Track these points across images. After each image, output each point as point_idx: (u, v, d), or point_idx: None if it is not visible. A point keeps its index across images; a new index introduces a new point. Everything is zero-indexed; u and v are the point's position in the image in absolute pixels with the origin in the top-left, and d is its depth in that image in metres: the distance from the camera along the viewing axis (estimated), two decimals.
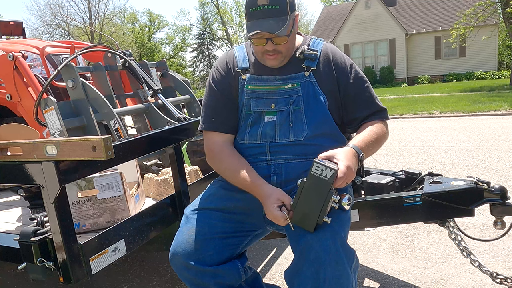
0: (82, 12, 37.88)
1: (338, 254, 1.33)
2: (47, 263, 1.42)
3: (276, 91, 1.61)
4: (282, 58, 1.58)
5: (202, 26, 46.56)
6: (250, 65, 1.66)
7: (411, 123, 8.70)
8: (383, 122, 1.64)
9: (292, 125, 1.59)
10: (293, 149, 1.59)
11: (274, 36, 1.49)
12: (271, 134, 1.60)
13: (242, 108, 1.64)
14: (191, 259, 1.53)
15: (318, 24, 27.76)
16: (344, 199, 1.38)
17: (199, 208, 1.65)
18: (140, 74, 2.53)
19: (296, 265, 1.40)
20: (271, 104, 1.61)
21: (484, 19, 17.44)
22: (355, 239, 2.99)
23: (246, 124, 1.64)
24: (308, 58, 1.61)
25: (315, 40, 1.69)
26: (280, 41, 1.52)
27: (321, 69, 1.61)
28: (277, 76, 1.62)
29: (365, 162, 2.41)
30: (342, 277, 1.33)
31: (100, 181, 1.76)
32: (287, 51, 1.58)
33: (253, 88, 1.63)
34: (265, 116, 1.62)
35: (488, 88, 14.82)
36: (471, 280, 2.29)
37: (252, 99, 1.63)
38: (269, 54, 1.56)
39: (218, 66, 1.71)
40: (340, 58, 1.65)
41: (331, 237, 1.35)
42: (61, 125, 2.04)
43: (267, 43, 1.52)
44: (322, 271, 1.31)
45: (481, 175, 4.27)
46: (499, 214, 1.91)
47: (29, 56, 2.74)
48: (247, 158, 1.63)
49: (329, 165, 1.32)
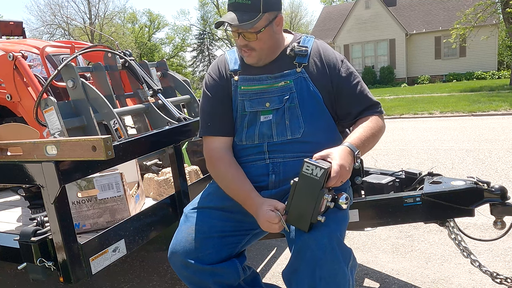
0: (82, 12, 37.92)
1: (334, 253, 1.33)
2: (47, 263, 1.42)
3: (269, 89, 1.62)
4: (258, 56, 1.59)
5: (202, 26, 46.60)
6: (242, 67, 1.67)
7: (411, 123, 8.70)
8: (378, 116, 1.64)
9: (288, 122, 1.59)
10: (291, 147, 1.59)
11: (243, 31, 1.52)
12: (268, 134, 1.60)
13: (238, 110, 1.65)
14: (190, 258, 1.53)
15: (318, 24, 27.75)
16: (341, 198, 1.37)
17: (198, 207, 1.66)
18: (140, 74, 2.53)
19: (293, 264, 1.42)
20: (266, 103, 1.62)
21: (484, 19, 17.43)
22: (355, 239, 2.99)
23: (243, 125, 1.64)
24: (298, 54, 1.62)
25: (305, 37, 1.70)
26: (249, 37, 1.54)
27: (312, 65, 1.62)
28: (268, 75, 1.63)
29: (365, 162, 2.42)
30: (338, 275, 1.34)
31: (100, 181, 1.76)
32: (261, 49, 1.58)
33: (246, 88, 1.64)
34: (261, 115, 1.62)
35: (488, 88, 14.81)
36: (471, 280, 2.29)
37: (246, 100, 1.64)
38: (243, 49, 1.58)
39: (210, 71, 1.73)
40: (331, 54, 1.65)
41: (327, 236, 1.35)
42: (61, 125, 2.04)
43: (239, 38, 1.55)
44: (318, 270, 1.32)
45: (481, 175, 4.27)
46: (499, 214, 1.91)
47: (29, 56, 2.74)
48: (245, 158, 1.64)
49: (319, 164, 1.32)
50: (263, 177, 1.62)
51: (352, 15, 24.27)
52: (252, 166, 1.62)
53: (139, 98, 2.66)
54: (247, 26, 1.49)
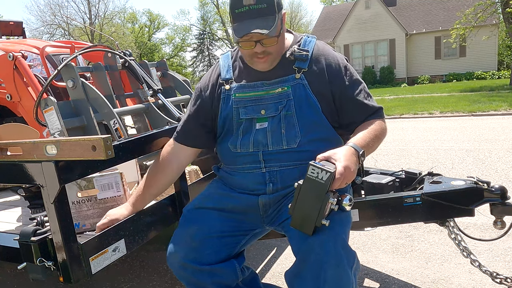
0: (82, 12, 37.95)
1: (339, 256, 1.32)
2: (47, 263, 1.42)
3: (265, 96, 1.56)
4: (272, 59, 1.53)
5: (202, 26, 46.60)
6: (235, 74, 1.63)
7: (411, 123, 8.69)
8: (381, 119, 1.59)
9: (284, 131, 1.53)
10: (287, 156, 1.54)
11: (263, 38, 1.42)
12: (263, 142, 1.55)
13: (233, 117, 1.61)
14: (188, 258, 1.53)
15: (318, 24, 27.75)
16: (345, 200, 1.34)
17: (197, 207, 1.66)
18: (140, 74, 2.53)
19: (297, 267, 1.39)
20: (261, 110, 1.56)
21: (484, 19, 17.43)
22: (355, 239, 2.99)
23: (238, 132, 1.60)
24: (299, 59, 1.54)
25: (306, 38, 1.62)
26: (270, 42, 1.45)
27: (313, 71, 1.54)
28: (264, 81, 1.56)
29: (365, 162, 2.41)
30: (342, 279, 1.32)
31: (100, 181, 1.76)
32: (277, 52, 1.52)
33: (240, 95, 1.59)
34: (257, 123, 1.57)
35: (488, 88, 14.81)
36: (471, 280, 2.29)
37: (241, 107, 1.59)
38: (258, 57, 1.50)
39: (201, 82, 1.73)
40: (334, 59, 1.57)
41: (332, 240, 1.33)
42: (61, 125, 2.03)
43: (256, 46, 1.45)
44: (323, 273, 1.30)
45: (481, 175, 4.27)
46: (499, 214, 1.91)
47: (29, 56, 2.74)
48: (241, 166, 1.61)
49: (325, 167, 1.28)
50: (260, 186, 1.59)
51: (352, 15, 24.27)
52: (249, 175, 1.60)
53: (139, 98, 2.66)
54: (273, 33, 1.41)
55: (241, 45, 1.50)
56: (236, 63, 1.66)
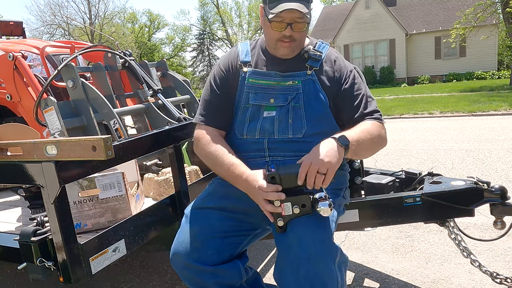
0: (82, 12, 37.95)
1: (316, 250, 1.34)
2: (47, 263, 1.42)
3: (276, 86, 1.63)
4: (295, 47, 1.61)
5: (202, 26, 46.58)
6: (253, 59, 1.69)
7: (411, 123, 8.70)
8: (380, 124, 1.61)
9: (291, 121, 1.59)
10: (291, 146, 1.59)
11: (296, 21, 1.51)
12: (270, 130, 1.60)
13: (242, 101, 1.65)
14: (192, 259, 1.53)
15: (318, 24, 27.74)
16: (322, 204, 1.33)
17: (198, 208, 1.66)
18: (140, 74, 2.53)
19: (279, 265, 1.44)
20: (270, 99, 1.63)
21: (484, 19, 17.44)
22: (355, 239, 2.99)
23: (245, 118, 1.64)
24: (312, 58, 1.64)
25: (321, 43, 1.73)
26: (300, 27, 1.54)
27: (323, 70, 1.64)
28: (278, 72, 1.64)
29: (365, 162, 2.42)
30: (323, 273, 1.35)
31: (102, 181, 1.76)
32: (300, 41, 1.61)
33: (253, 81, 1.66)
34: (264, 111, 1.63)
35: (488, 88, 14.81)
36: (471, 280, 2.29)
37: (252, 92, 1.65)
38: (284, 40, 1.57)
39: (220, 63, 1.75)
40: (343, 63, 1.69)
41: (310, 235, 1.36)
42: (61, 125, 2.03)
43: (286, 29, 1.53)
44: (302, 269, 1.33)
45: (481, 175, 4.27)
46: (499, 214, 1.91)
47: (29, 56, 2.74)
48: (245, 153, 1.63)
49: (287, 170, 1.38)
50: None
51: (352, 15, 24.27)
52: (252, 163, 1.60)
53: (139, 98, 2.66)
54: (307, 16, 1.51)
55: (273, 26, 1.55)
56: (255, 50, 1.72)
